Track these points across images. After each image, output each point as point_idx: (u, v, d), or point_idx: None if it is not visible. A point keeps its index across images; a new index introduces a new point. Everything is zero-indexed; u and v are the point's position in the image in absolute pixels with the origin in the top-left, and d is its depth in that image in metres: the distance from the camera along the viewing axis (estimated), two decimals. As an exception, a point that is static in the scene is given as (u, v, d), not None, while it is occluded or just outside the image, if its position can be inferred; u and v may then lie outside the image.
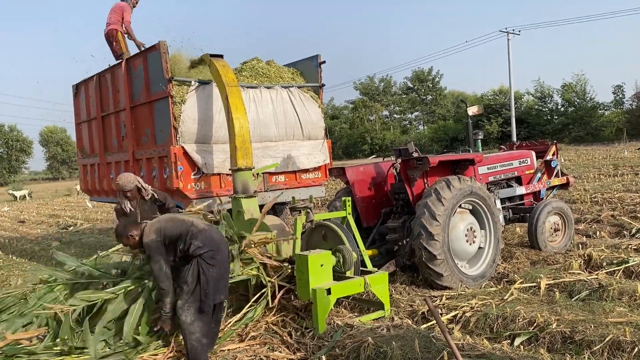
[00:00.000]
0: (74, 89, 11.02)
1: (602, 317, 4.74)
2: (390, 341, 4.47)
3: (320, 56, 9.44)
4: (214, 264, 4.62)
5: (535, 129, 48.78)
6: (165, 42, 7.81)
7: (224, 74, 7.56)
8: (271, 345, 5.06)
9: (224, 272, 4.78)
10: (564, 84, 51.10)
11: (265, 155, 8.59)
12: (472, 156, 7.25)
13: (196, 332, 4.56)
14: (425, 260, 6.25)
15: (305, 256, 5.37)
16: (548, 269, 6.58)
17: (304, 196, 8.66)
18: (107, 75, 9.65)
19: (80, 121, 11.02)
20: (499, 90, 53.48)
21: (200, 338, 4.57)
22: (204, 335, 4.61)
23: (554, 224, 7.89)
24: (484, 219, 6.87)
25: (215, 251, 4.66)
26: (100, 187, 10.34)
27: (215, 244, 4.70)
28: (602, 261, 6.58)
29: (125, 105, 8.97)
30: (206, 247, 4.62)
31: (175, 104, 7.78)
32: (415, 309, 5.68)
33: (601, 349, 4.13)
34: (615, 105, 50.16)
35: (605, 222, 9.48)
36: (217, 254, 4.67)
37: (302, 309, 5.77)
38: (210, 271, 4.60)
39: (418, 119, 69.48)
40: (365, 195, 7.44)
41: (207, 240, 4.66)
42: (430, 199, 6.34)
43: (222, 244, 4.83)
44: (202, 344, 4.58)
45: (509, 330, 4.78)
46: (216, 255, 4.65)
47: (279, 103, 8.87)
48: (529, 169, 8.60)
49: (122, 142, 9.33)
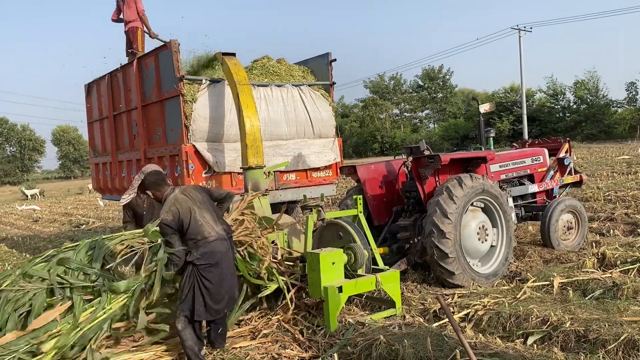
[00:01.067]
0: (86, 88, 11.12)
1: (616, 315, 4.68)
2: (402, 339, 4.45)
3: (330, 54, 9.45)
4: (209, 277, 4.54)
5: (547, 126, 48.44)
6: (177, 40, 7.85)
7: (236, 72, 7.58)
8: (283, 343, 5.07)
9: (222, 283, 4.63)
10: (576, 81, 50.68)
11: (276, 154, 8.60)
12: (484, 154, 7.20)
13: (188, 340, 4.55)
14: (437, 259, 6.22)
15: (316, 254, 5.37)
16: (561, 268, 6.52)
17: (315, 194, 8.67)
18: (118, 74, 9.72)
19: (92, 120, 11.12)
20: (510, 87, 53.17)
21: (192, 346, 4.56)
22: (195, 343, 4.60)
23: (567, 222, 7.82)
24: (496, 217, 6.82)
25: (213, 265, 4.57)
26: (112, 186, 10.42)
27: (215, 258, 4.58)
28: (616, 260, 6.50)
29: (136, 104, 9.03)
30: (203, 260, 4.54)
31: (187, 103, 7.81)
32: (426, 307, 5.65)
33: (615, 348, 4.08)
34: (629, 103, 49.65)
35: (619, 220, 9.38)
36: (215, 267, 4.58)
37: (314, 307, 5.77)
38: (204, 282, 4.53)
39: (428, 117, 69.24)
40: (376, 194, 7.42)
41: (207, 255, 4.56)
42: (442, 197, 6.31)
43: (224, 259, 4.66)
44: (194, 352, 4.57)
45: (522, 329, 4.74)
46: (212, 269, 4.56)
47: (290, 101, 8.87)
48: (541, 166, 8.53)
49: (133, 140, 9.39)
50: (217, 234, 4.65)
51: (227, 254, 4.73)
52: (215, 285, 4.58)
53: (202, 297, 4.53)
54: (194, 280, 4.55)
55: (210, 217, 4.70)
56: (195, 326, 4.62)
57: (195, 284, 4.54)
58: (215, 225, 4.69)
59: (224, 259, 4.67)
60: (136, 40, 9.50)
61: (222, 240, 4.69)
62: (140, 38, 9.54)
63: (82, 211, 23.02)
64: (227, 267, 4.72)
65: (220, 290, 4.62)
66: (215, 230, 4.65)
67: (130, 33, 9.51)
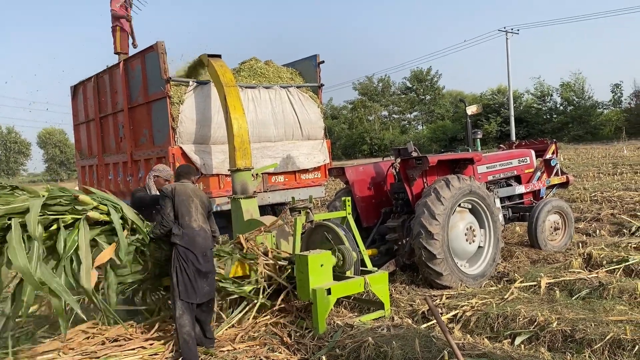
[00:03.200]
0: (72, 91, 11.01)
1: (602, 315, 4.72)
2: (390, 341, 4.45)
3: (318, 56, 9.44)
4: (187, 260, 4.80)
5: (535, 128, 48.86)
6: (163, 42, 7.81)
7: (222, 74, 7.54)
8: (271, 345, 5.04)
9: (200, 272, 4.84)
10: (562, 83, 51.21)
11: (264, 156, 8.57)
12: (471, 155, 7.24)
13: (186, 326, 4.71)
14: (425, 260, 6.23)
15: (305, 256, 5.36)
16: (548, 268, 6.57)
17: (303, 196, 8.64)
18: (105, 76, 9.64)
19: (78, 122, 11.01)
20: (498, 89, 53.57)
21: (190, 331, 4.72)
22: (192, 328, 4.76)
23: (554, 222, 7.89)
24: (484, 218, 6.86)
25: (192, 252, 4.82)
26: (99, 188, 10.29)
27: (194, 246, 4.85)
28: (602, 260, 6.56)
29: (123, 106, 8.96)
30: (183, 241, 4.82)
31: (174, 105, 7.76)
32: (415, 309, 5.66)
33: (602, 348, 4.12)
34: (614, 104, 50.27)
35: (605, 220, 9.48)
36: (194, 255, 4.82)
37: (302, 309, 5.76)
38: (184, 263, 4.79)
39: (417, 119, 69.50)
40: (364, 195, 7.43)
41: (188, 238, 4.84)
42: (430, 198, 6.32)
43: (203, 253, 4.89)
44: (192, 337, 4.72)
45: (510, 329, 4.76)
46: (191, 255, 4.81)
47: (278, 103, 8.85)
48: (528, 167, 8.60)
49: (120, 143, 9.32)
50: (201, 227, 4.95)
51: (207, 251, 4.96)
52: (193, 268, 4.80)
53: (184, 277, 4.78)
54: (176, 263, 4.82)
55: (201, 215, 5.02)
56: (190, 312, 4.78)
57: (178, 265, 4.80)
58: (203, 223, 5.01)
59: (203, 253, 4.89)
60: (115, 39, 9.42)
61: (205, 235, 4.96)
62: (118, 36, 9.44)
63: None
64: (205, 264, 4.91)
65: (197, 277, 4.83)
66: (200, 224, 4.95)
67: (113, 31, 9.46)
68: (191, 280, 4.79)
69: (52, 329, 5.44)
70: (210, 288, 5.01)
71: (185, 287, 4.78)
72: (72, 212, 4.77)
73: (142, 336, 5.30)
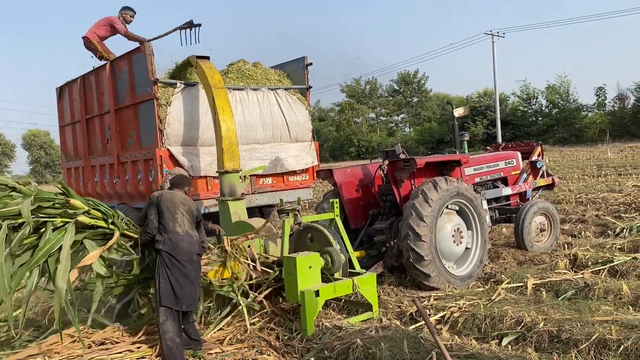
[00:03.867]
0: (58, 92, 10.89)
1: (588, 316, 4.78)
2: (378, 342, 4.46)
3: (306, 58, 9.44)
4: (171, 266, 4.77)
5: (521, 130, 49.33)
6: (151, 44, 7.76)
7: (210, 76, 7.52)
8: (259, 348, 5.02)
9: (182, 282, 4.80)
10: (548, 86, 51.77)
11: (252, 158, 8.55)
12: (458, 157, 7.28)
13: (169, 331, 4.68)
14: (413, 261, 6.26)
15: (293, 258, 5.35)
16: (535, 269, 6.63)
17: (291, 198, 8.63)
18: (91, 77, 9.55)
19: (64, 124, 10.89)
20: (484, 92, 54.01)
21: (173, 337, 4.67)
22: (177, 334, 4.70)
23: (540, 224, 7.96)
24: (471, 219, 6.90)
25: (176, 258, 4.79)
26: (84, 191, 10.21)
27: (178, 253, 4.82)
28: (588, 261, 6.64)
29: (109, 107, 8.88)
30: (167, 247, 4.79)
31: (161, 106, 7.71)
32: (403, 310, 5.67)
33: (587, 348, 4.16)
34: (598, 107, 50.93)
35: (590, 222, 9.59)
36: (178, 262, 4.79)
37: (291, 312, 5.75)
38: (168, 270, 4.77)
39: (404, 121, 69.81)
40: (353, 197, 7.44)
41: (172, 244, 4.81)
42: (417, 200, 6.35)
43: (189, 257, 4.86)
44: (176, 343, 4.67)
45: (497, 330, 4.79)
46: (175, 262, 4.79)
47: (266, 105, 8.83)
48: (514, 169, 8.67)
49: (106, 144, 9.23)
50: (186, 232, 4.92)
51: (193, 256, 4.92)
52: (177, 274, 4.78)
53: (167, 283, 4.75)
54: (159, 269, 4.80)
55: (187, 221, 4.99)
56: (174, 319, 4.74)
57: (161, 272, 4.79)
58: (190, 228, 4.97)
59: (188, 258, 4.86)
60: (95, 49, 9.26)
61: (191, 240, 4.91)
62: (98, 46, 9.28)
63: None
64: (191, 269, 4.88)
65: (182, 283, 4.80)
66: (186, 229, 4.92)
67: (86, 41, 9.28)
68: (174, 286, 4.75)
69: (37, 333, 5.38)
70: (196, 294, 4.98)
71: (168, 293, 4.75)
72: (64, 216, 4.79)
73: (129, 339, 5.25)
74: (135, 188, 8.44)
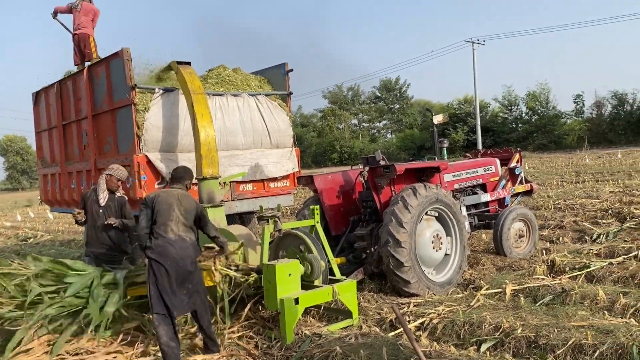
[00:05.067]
0: (34, 97, 10.72)
1: (565, 321, 4.82)
2: (358, 350, 4.44)
3: (287, 64, 9.42)
4: (157, 273, 4.71)
5: (501, 136, 49.89)
6: (129, 49, 7.67)
7: (190, 82, 7.45)
8: (238, 357, 4.97)
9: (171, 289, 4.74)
10: (528, 93, 52.47)
11: (232, 164, 8.48)
12: (437, 164, 7.32)
13: (162, 337, 4.66)
14: (393, 268, 6.26)
15: (272, 266, 5.31)
16: (513, 275, 6.68)
17: (272, 205, 8.59)
18: (68, 82, 9.41)
19: (40, 130, 10.71)
20: (464, 99, 54.56)
21: (167, 342, 4.66)
22: (171, 339, 4.68)
23: (519, 230, 8.03)
24: (450, 225, 6.93)
25: (162, 264, 4.72)
26: (61, 198, 10.04)
27: (165, 258, 4.74)
28: (565, 266, 6.72)
29: (87, 113, 8.76)
30: (155, 253, 4.74)
31: (139, 112, 7.62)
32: (383, 317, 5.66)
33: (564, 353, 4.20)
34: (576, 114, 51.79)
35: (567, 227, 9.70)
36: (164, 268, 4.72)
37: (270, 319, 5.70)
38: (154, 277, 4.72)
39: (386, 128, 70.21)
40: (333, 204, 7.42)
41: (160, 249, 4.76)
42: (397, 206, 6.36)
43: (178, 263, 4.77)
44: (170, 347, 4.66)
45: (476, 336, 4.81)
46: (161, 268, 4.71)
47: (246, 111, 8.79)
48: (493, 176, 8.74)
49: (83, 151, 9.10)
50: (179, 236, 4.83)
51: (185, 260, 4.82)
52: (165, 281, 4.71)
53: (155, 290, 4.71)
54: (148, 275, 4.78)
55: (182, 225, 4.90)
56: (167, 324, 4.70)
57: (149, 278, 4.76)
58: (183, 232, 4.89)
59: (177, 263, 4.77)
60: (89, 46, 9.25)
61: (183, 245, 4.83)
62: (93, 45, 9.28)
63: (30, 224, 22.12)
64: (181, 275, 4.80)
65: (172, 289, 4.74)
66: (178, 233, 4.84)
67: (80, 39, 9.24)
68: (162, 293, 4.69)
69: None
70: (191, 298, 4.87)
71: (157, 300, 4.70)
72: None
73: (104, 349, 5.15)
74: (113, 195, 8.31)
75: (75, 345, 5.18)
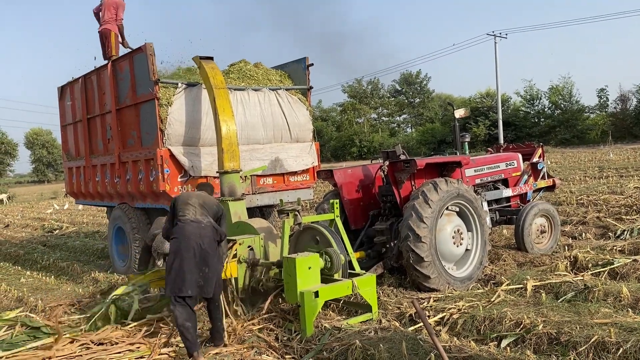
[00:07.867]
0: (59, 91, 10.92)
1: (587, 318, 4.77)
2: (377, 344, 4.46)
3: (308, 59, 9.45)
4: (174, 257, 4.82)
5: (522, 131, 49.17)
6: (152, 44, 7.78)
7: (213, 76, 7.53)
8: (258, 349, 5.02)
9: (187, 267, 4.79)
10: (551, 87, 51.58)
11: (253, 158, 8.55)
12: (459, 158, 7.28)
13: (178, 317, 4.73)
14: (413, 263, 6.25)
15: (293, 259, 5.35)
16: (534, 271, 6.62)
17: (292, 199, 8.65)
18: (92, 77, 9.57)
19: (65, 123, 10.92)
20: (486, 93, 53.88)
21: (183, 322, 4.72)
22: (186, 319, 4.74)
23: (541, 225, 7.95)
24: (471, 221, 6.89)
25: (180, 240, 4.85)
26: (86, 190, 10.24)
27: (185, 236, 4.86)
28: (588, 262, 6.63)
29: (111, 107, 8.90)
30: (175, 234, 4.92)
31: (162, 106, 7.73)
32: (402, 312, 5.67)
33: (586, 350, 4.15)
34: (600, 109, 50.75)
35: (590, 223, 9.56)
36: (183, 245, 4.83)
37: (290, 312, 5.75)
38: (171, 260, 4.82)
39: (406, 122, 69.82)
40: (353, 198, 7.44)
41: (178, 230, 4.93)
42: (418, 201, 6.35)
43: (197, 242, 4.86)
44: (186, 327, 4.72)
45: (496, 332, 4.79)
46: (180, 247, 4.83)
47: (267, 105, 8.84)
48: (515, 171, 8.66)
49: (108, 144, 9.26)
50: (196, 218, 4.97)
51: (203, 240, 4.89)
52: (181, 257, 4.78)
53: (172, 269, 4.80)
54: (168, 258, 4.93)
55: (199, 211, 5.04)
56: (183, 305, 4.76)
57: (169, 259, 4.89)
58: (200, 216, 5.01)
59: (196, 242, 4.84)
60: (109, 43, 9.35)
61: (199, 225, 4.93)
62: (113, 41, 9.39)
63: (56, 216, 22.57)
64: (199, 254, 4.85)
65: (188, 268, 4.78)
66: (196, 216, 4.98)
67: (103, 35, 9.37)
68: (177, 271, 4.76)
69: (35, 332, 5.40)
70: (206, 283, 4.87)
71: (172, 279, 4.79)
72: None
73: (127, 340, 5.26)
74: (136, 188, 8.46)
75: (100, 336, 5.30)
